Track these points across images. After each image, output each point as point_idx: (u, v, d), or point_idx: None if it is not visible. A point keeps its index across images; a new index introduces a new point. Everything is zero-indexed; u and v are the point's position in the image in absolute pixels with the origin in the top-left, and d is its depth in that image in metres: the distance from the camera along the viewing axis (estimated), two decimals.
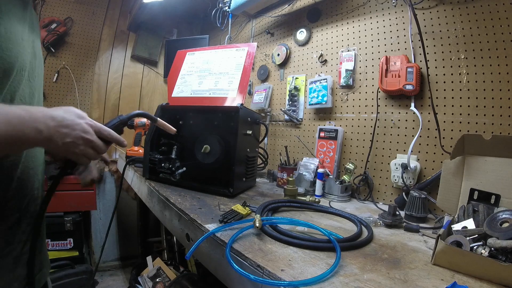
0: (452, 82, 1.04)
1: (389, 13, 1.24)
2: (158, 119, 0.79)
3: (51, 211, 1.72)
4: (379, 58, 1.24)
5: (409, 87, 1.10)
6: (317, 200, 1.04)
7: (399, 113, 1.19)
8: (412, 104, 1.13)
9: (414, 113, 1.12)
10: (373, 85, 1.28)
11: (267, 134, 1.51)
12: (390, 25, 1.23)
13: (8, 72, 0.47)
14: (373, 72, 1.29)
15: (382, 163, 1.24)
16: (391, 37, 1.23)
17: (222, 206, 0.94)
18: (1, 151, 0.42)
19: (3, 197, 0.49)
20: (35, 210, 0.56)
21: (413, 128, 1.14)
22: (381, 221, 0.89)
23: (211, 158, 1.09)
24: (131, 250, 2.53)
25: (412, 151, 1.08)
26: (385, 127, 1.23)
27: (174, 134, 0.85)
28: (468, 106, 1.00)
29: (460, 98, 1.02)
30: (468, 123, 1.00)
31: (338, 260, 0.57)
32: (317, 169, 1.25)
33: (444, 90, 1.06)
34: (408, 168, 1.09)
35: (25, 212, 0.53)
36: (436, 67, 1.08)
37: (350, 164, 1.24)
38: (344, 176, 1.24)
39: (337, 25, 1.47)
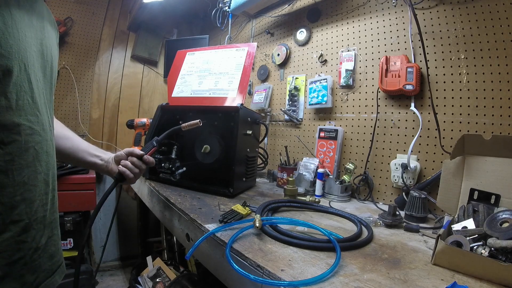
0: (452, 82, 1.04)
1: (389, 13, 1.24)
2: (182, 125, 0.88)
3: None
4: (379, 58, 1.24)
5: (409, 87, 1.10)
6: (317, 200, 1.04)
7: (399, 113, 1.19)
8: (412, 104, 1.13)
9: (414, 113, 1.12)
10: (373, 85, 1.28)
11: (267, 134, 1.51)
12: (390, 25, 1.23)
13: (10, 69, 0.45)
14: (373, 72, 1.29)
15: (382, 163, 1.23)
16: (391, 37, 1.23)
17: (222, 206, 0.95)
18: None
19: (10, 202, 0.47)
20: (44, 215, 0.55)
21: (413, 128, 1.14)
22: (381, 221, 0.89)
23: (211, 158, 1.09)
24: (131, 250, 2.53)
25: (412, 151, 1.08)
26: (385, 127, 1.23)
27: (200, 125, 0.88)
28: (468, 106, 1.00)
29: (460, 98, 1.02)
30: (468, 123, 1.00)
31: (338, 260, 0.57)
32: (317, 169, 1.25)
33: (444, 90, 1.06)
34: (408, 168, 1.09)
35: (34, 217, 0.52)
36: (436, 67, 1.08)
37: (350, 164, 1.24)
38: (344, 176, 1.24)
39: (337, 25, 1.47)
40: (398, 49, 1.20)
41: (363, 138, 1.31)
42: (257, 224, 0.70)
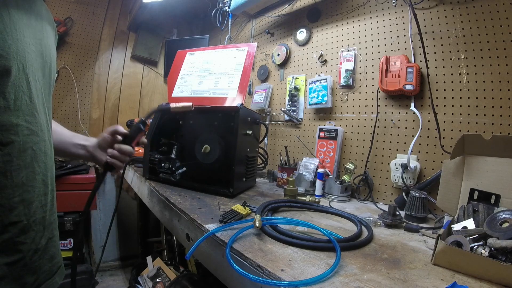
0: (452, 82, 1.04)
1: (389, 13, 1.24)
2: (171, 104, 0.85)
3: None
4: (379, 58, 1.24)
5: (409, 87, 1.10)
6: (317, 200, 1.04)
7: (399, 113, 1.19)
8: (412, 104, 1.13)
9: (414, 113, 1.12)
10: (373, 85, 1.28)
11: (267, 134, 1.51)
12: (390, 25, 1.23)
13: (8, 69, 0.45)
14: (373, 72, 1.29)
15: (382, 163, 1.23)
16: (391, 37, 1.23)
17: (222, 206, 0.94)
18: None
19: (8, 204, 0.47)
20: (44, 217, 0.55)
21: (413, 128, 1.14)
22: (381, 221, 0.89)
23: (211, 158, 1.09)
24: (131, 250, 2.53)
25: (412, 151, 1.08)
26: (385, 127, 1.23)
27: (191, 110, 0.87)
28: (468, 106, 1.00)
29: (460, 98, 1.02)
30: (468, 123, 1.00)
31: (338, 260, 0.57)
32: (317, 169, 1.25)
33: (444, 90, 1.06)
34: (408, 168, 1.09)
35: (33, 219, 0.52)
36: (436, 67, 1.08)
37: (350, 164, 1.24)
38: (344, 176, 1.24)
39: (337, 25, 1.47)
40: (398, 49, 1.20)
41: (363, 138, 1.31)
42: (257, 224, 0.70)
